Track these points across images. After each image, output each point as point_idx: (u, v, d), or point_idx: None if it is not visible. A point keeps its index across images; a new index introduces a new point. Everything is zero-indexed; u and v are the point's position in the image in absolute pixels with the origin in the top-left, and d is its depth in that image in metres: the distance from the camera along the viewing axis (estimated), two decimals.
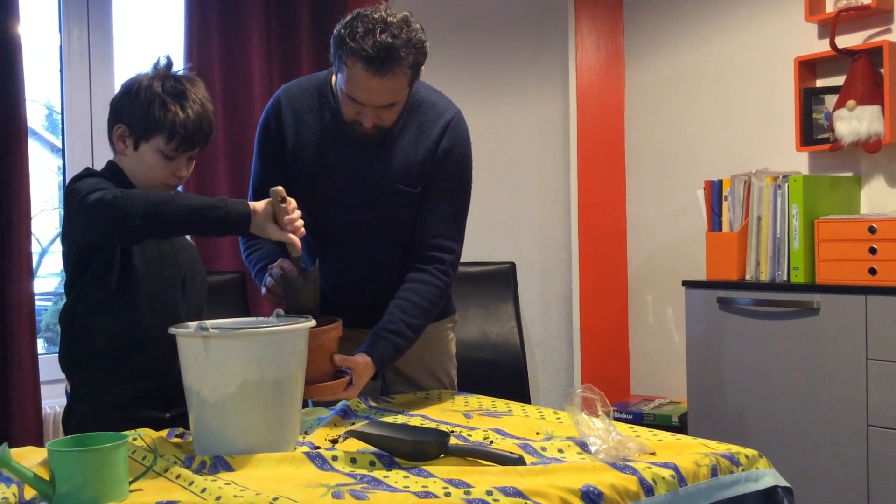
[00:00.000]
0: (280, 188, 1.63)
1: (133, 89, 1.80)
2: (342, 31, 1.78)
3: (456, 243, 2.02)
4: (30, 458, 1.53)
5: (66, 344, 1.82)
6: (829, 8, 3.06)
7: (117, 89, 1.84)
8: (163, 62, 1.83)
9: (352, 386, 1.77)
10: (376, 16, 1.76)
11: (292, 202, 1.65)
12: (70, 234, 1.78)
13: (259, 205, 1.63)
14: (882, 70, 2.85)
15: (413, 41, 1.78)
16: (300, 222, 1.66)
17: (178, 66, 1.88)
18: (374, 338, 1.87)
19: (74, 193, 1.68)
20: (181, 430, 1.71)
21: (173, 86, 1.80)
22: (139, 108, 1.78)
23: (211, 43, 3.14)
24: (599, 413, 1.55)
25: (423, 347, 2.07)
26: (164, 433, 1.68)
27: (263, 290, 1.92)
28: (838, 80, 3.01)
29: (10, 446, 1.38)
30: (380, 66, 1.75)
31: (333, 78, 1.96)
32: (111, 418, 1.72)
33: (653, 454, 1.48)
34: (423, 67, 1.87)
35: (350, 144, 1.94)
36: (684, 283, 3.12)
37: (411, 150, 1.95)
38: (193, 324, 1.57)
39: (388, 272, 2.02)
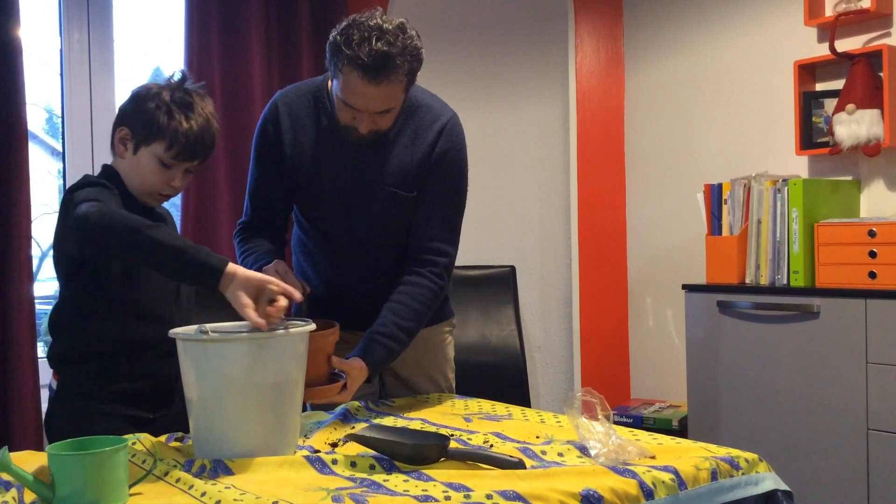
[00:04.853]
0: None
1: (142, 95, 1.81)
2: (338, 38, 1.78)
3: (450, 246, 2.02)
4: (30, 461, 1.53)
5: (56, 346, 1.82)
6: (829, 12, 3.06)
7: (118, 93, 1.85)
8: (177, 76, 1.85)
9: (345, 390, 1.78)
10: (372, 23, 1.76)
11: (283, 300, 1.55)
12: (59, 242, 1.79)
13: (248, 273, 1.53)
14: (881, 74, 2.85)
15: (408, 48, 1.78)
16: (279, 312, 1.55)
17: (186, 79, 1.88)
18: (367, 341, 1.88)
19: (70, 203, 1.68)
20: (181, 433, 1.71)
21: (182, 97, 1.81)
22: (144, 113, 1.78)
23: (211, 46, 3.14)
24: (599, 417, 1.55)
25: (420, 351, 2.08)
26: (162, 438, 1.68)
27: None
28: (838, 84, 3.02)
29: (10, 450, 1.38)
30: (375, 73, 1.75)
31: (329, 82, 1.96)
32: (98, 416, 1.73)
33: (653, 458, 1.48)
34: (419, 72, 1.87)
35: (346, 149, 1.94)
36: (684, 287, 3.12)
37: (407, 154, 1.96)
38: (193, 327, 1.57)
39: (385, 275, 2.02)
